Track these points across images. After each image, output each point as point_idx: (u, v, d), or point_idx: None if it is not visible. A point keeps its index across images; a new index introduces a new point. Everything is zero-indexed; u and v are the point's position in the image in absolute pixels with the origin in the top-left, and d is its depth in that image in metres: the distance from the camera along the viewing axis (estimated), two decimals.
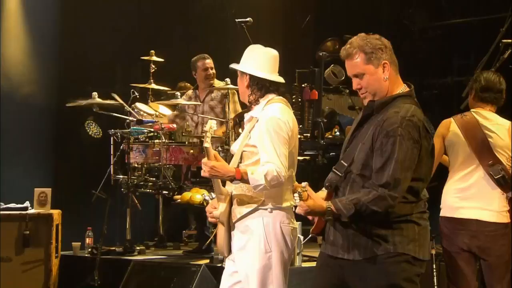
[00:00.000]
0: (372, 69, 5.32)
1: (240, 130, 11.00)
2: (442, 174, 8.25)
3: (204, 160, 6.28)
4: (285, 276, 6.49)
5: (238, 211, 6.34)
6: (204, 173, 6.21)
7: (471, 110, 7.81)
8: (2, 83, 13.79)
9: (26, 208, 10.63)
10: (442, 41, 14.66)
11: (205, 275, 9.70)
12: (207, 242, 10.76)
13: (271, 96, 6.47)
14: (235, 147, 6.64)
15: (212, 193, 9.95)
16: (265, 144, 6.19)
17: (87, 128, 12.82)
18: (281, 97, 6.66)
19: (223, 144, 10.94)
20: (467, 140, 7.61)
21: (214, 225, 10.79)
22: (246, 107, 9.71)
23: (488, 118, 7.68)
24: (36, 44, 14.74)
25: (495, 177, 7.47)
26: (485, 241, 7.46)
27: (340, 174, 5.45)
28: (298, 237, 8.61)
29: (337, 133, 12.56)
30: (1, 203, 10.89)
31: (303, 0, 15.31)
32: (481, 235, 7.44)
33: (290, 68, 12.25)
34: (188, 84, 12.93)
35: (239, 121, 10.89)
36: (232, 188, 6.40)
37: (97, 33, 14.32)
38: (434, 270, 8.72)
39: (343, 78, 12.04)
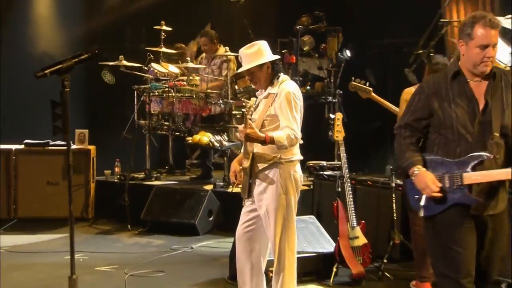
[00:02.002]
0: None
1: (236, 87, 11.78)
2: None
3: (241, 127, 6.66)
4: (295, 211, 7.03)
5: (260, 165, 6.81)
6: (241, 137, 6.78)
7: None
8: (43, 48, 14.30)
9: (70, 145, 11.80)
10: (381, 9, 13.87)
11: (211, 198, 10.70)
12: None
13: (281, 75, 6.92)
14: (256, 116, 6.92)
15: (215, 135, 10.86)
16: (284, 113, 6.67)
17: (103, 76, 13.63)
18: (286, 75, 7.19)
19: (224, 98, 11.46)
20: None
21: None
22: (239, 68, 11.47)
23: None
24: (65, 19, 14.60)
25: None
26: None
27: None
28: None
29: (308, 87, 12.69)
30: (49, 141, 11.42)
31: None
32: None
33: (273, 38, 12.47)
34: (183, 45, 13.19)
35: (235, 80, 11.48)
36: (254, 148, 6.82)
37: (115, 13, 14.11)
38: (394, 201, 8.93)
39: (314, 45, 12.80)
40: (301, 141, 7.03)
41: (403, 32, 13.55)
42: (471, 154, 5.13)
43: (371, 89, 9.02)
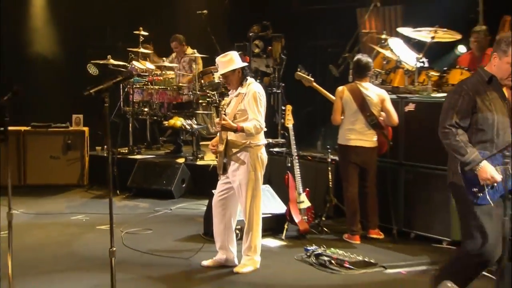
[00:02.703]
0: None
1: (202, 81, 11.73)
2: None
3: (217, 120, 7.12)
4: (261, 184, 7.34)
5: (234, 149, 7.09)
6: (218, 128, 7.11)
7: (355, 81, 8.43)
8: (41, 50, 14.09)
9: (67, 127, 11.54)
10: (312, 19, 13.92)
11: (184, 169, 10.87)
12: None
13: (249, 78, 7.22)
14: (229, 110, 7.18)
15: (188, 121, 10.84)
16: (251, 108, 6.98)
17: (88, 69, 13.60)
18: (253, 78, 7.45)
19: (192, 90, 11.51)
20: (354, 100, 8.28)
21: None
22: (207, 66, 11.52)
23: (365, 87, 8.31)
24: (56, 24, 14.36)
25: (371, 123, 8.22)
26: (365, 157, 8.32)
27: None
28: None
29: (258, 81, 11.90)
30: (51, 123, 11.42)
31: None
32: (362, 154, 8.29)
33: (231, 42, 12.54)
34: (149, 46, 12.85)
35: (201, 75, 11.52)
36: (228, 135, 7.06)
37: (101, 19, 13.88)
38: (330, 172, 9.19)
39: (262, 48, 12.53)
40: (265, 129, 7.19)
41: (328, 36, 13.77)
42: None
43: (312, 79, 9.07)
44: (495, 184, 4.95)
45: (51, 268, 7.26)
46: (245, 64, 7.36)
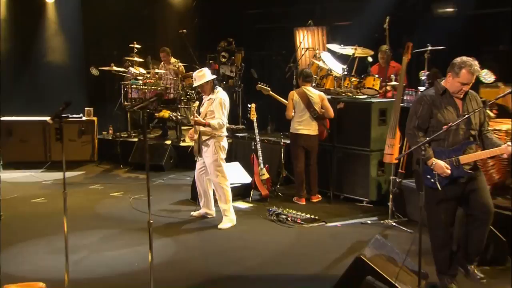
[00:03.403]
0: None
1: (183, 83, 11.51)
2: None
3: (191, 118, 7.39)
4: (224, 163, 7.44)
5: (204, 137, 7.32)
6: (192, 122, 7.36)
7: (302, 87, 8.37)
8: (57, 58, 13.79)
9: (81, 117, 11.32)
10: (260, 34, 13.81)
11: (171, 148, 10.82)
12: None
13: (217, 87, 7.46)
14: (202, 110, 7.43)
15: (174, 113, 10.63)
16: (217, 110, 7.24)
17: (91, 71, 13.47)
18: (221, 87, 7.62)
19: (176, 90, 11.38)
20: (302, 101, 8.27)
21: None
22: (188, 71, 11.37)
23: (309, 90, 8.31)
24: (66, 36, 14.05)
25: (314, 116, 8.20)
26: (309, 142, 8.32)
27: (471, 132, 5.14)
28: None
29: (224, 83, 12.08)
30: (69, 115, 11.06)
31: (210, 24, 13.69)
32: (308, 140, 8.30)
33: (204, 53, 12.74)
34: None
35: (183, 79, 11.40)
36: (200, 128, 7.26)
37: (104, 31, 13.43)
38: (282, 152, 9.14)
39: (227, 58, 12.33)
40: (227, 125, 7.43)
41: (273, 48, 13.65)
42: (462, 143, 5.05)
43: (269, 89, 8.99)
44: (448, 172, 4.96)
45: (83, 226, 7.31)
46: (214, 77, 7.55)
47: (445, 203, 5.15)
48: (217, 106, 7.30)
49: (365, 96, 8.74)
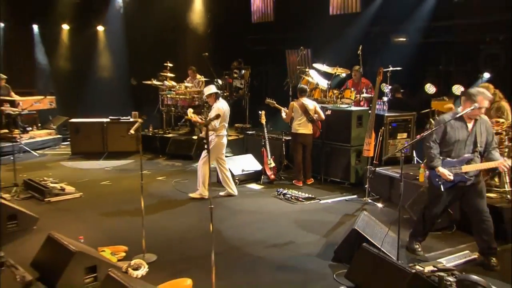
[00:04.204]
0: None
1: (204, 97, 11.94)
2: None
3: (193, 117, 7.37)
4: (223, 155, 7.46)
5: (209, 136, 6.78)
6: (192, 120, 7.51)
7: (299, 98, 8.17)
8: (108, 74, 13.98)
9: (129, 118, 11.03)
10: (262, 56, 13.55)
11: (197, 142, 10.40)
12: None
13: (220, 98, 7.42)
14: (210, 114, 7.40)
15: (198, 115, 10.67)
16: (212, 115, 7.19)
17: (132, 81, 13.47)
18: (222, 98, 7.57)
19: (200, 99, 10.90)
20: (300, 109, 8.09)
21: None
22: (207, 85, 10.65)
23: (305, 101, 8.12)
24: (114, 56, 14.19)
25: (309, 120, 8.02)
26: (306, 139, 8.15)
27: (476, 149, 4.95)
28: None
29: (235, 93, 12.04)
30: (120, 117, 10.96)
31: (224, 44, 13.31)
32: (305, 138, 8.13)
33: (221, 71, 12.19)
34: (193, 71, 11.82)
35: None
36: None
37: (142, 52, 13.22)
38: (283, 146, 9.03)
39: (238, 74, 12.07)
40: (217, 126, 7.18)
41: (269, 65, 13.47)
42: (464, 156, 4.93)
43: (275, 102, 8.74)
44: (450, 178, 4.89)
45: (137, 202, 6.79)
46: (217, 91, 7.51)
47: (443, 198, 5.10)
48: (212, 113, 7.26)
49: (345, 105, 8.69)
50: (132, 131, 5.46)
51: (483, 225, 5.02)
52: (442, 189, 4.96)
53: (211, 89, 7.52)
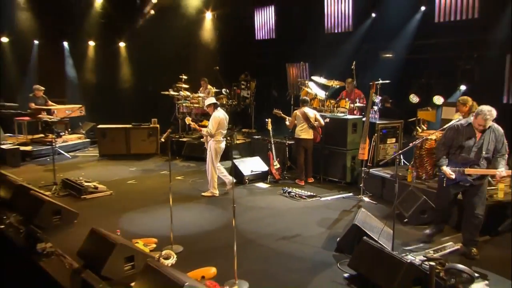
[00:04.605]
0: None
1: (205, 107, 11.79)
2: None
3: (192, 124, 7.51)
4: (218, 158, 7.35)
5: (206, 140, 7.35)
6: (191, 126, 7.52)
7: (302, 108, 8.20)
8: (131, 85, 13.87)
9: (149, 124, 10.84)
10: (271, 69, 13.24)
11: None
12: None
13: (218, 108, 7.40)
14: (209, 122, 7.31)
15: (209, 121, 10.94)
16: (210, 123, 7.22)
17: (149, 89, 13.14)
18: (219, 107, 7.50)
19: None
20: (302, 117, 8.08)
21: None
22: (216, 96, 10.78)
23: (307, 109, 8.13)
24: (135, 69, 14.14)
25: (310, 126, 8.01)
26: (307, 143, 8.14)
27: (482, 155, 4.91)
28: None
29: (242, 102, 11.84)
30: (141, 123, 10.84)
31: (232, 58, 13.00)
32: (306, 142, 8.11)
33: (230, 82, 12.15)
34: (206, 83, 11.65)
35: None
36: (204, 133, 7.25)
37: (160, 65, 13.05)
38: (286, 149, 8.98)
39: (246, 85, 12.00)
40: (213, 132, 7.21)
41: (271, 77, 13.28)
42: (469, 159, 4.95)
43: (281, 112, 8.70)
44: (452, 177, 5.00)
45: (165, 199, 6.67)
46: (216, 102, 7.53)
47: (448, 192, 5.20)
48: (211, 121, 7.28)
49: (342, 114, 8.71)
50: (163, 139, 5.50)
51: (474, 222, 5.07)
52: (444, 185, 5.09)
53: (211, 100, 7.56)
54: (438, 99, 8.32)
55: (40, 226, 5.54)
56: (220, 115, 7.30)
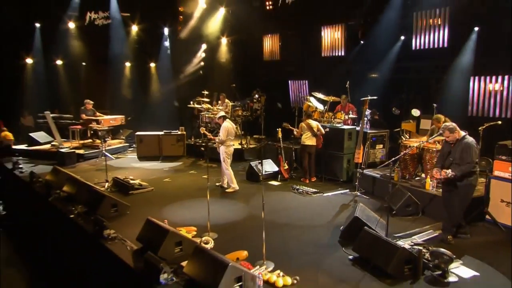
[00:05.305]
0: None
1: (234, 113, 11.06)
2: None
3: (207, 134, 7.57)
4: (230, 161, 7.29)
5: (219, 146, 7.30)
6: (207, 136, 7.60)
7: (306, 120, 8.18)
8: (162, 97, 13.76)
9: (177, 132, 10.94)
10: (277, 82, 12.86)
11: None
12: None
13: (227, 119, 7.37)
14: (220, 132, 7.22)
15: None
16: (221, 132, 7.21)
17: (174, 103, 13.40)
18: (228, 118, 7.46)
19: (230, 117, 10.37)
20: (307, 127, 8.06)
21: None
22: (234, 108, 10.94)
23: (311, 121, 8.12)
24: (163, 85, 14.24)
25: (313, 135, 7.99)
26: (311, 149, 8.10)
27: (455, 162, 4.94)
28: None
29: (254, 114, 11.51)
30: (171, 131, 10.78)
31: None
32: (310, 148, 8.08)
33: (245, 97, 12.00)
34: (226, 99, 11.39)
35: (233, 111, 10.94)
36: (217, 140, 7.25)
37: (184, 81, 13.16)
38: (293, 153, 8.89)
39: (257, 99, 11.61)
40: (224, 139, 7.15)
41: (276, 92, 12.86)
42: (445, 166, 5.04)
43: (288, 124, 8.60)
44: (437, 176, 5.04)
45: (197, 194, 7.20)
46: (225, 115, 7.51)
47: (445, 187, 5.27)
48: (221, 130, 7.26)
49: (339, 124, 8.73)
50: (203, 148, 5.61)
51: (451, 213, 5.18)
52: (440, 182, 5.32)
53: (220, 113, 7.59)
54: (415, 112, 8.39)
55: (102, 216, 5.69)
56: (228, 125, 7.25)
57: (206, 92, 11.39)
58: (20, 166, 8.84)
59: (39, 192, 6.91)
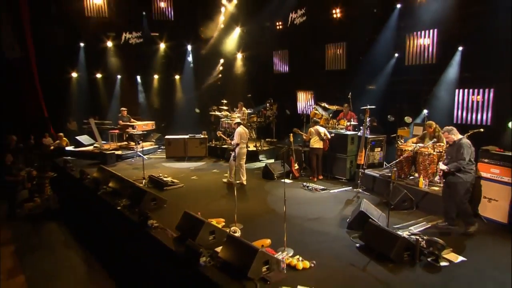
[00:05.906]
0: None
1: (250, 119, 11.00)
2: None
3: (223, 137, 7.39)
4: (243, 161, 7.17)
5: (233, 148, 7.15)
6: (224, 139, 7.26)
7: (314, 126, 8.15)
8: (187, 106, 13.70)
9: (200, 136, 10.80)
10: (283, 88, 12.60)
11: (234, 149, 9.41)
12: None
13: (240, 125, 7.29)
14: (234, 136, 7.14)
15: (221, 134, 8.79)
16: (235, 135, 7.15)
17: (196, 110, 13.48)
18: (242, 124, 7.36)
19: (247, 123, 10.38)
20: (315, 132, 8.01)
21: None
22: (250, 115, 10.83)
23: (318, 127, 8.07)
24: (186, 94, 14.05)
25: (321, 139, 7.95)
26: (319, 151, 8.05)
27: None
28: None
29: (265, 120, 11.07)
30: (195, 134, 10.71)
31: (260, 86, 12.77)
32: (318, 150, 8.03)
33: (259, 105, 11.76)
34: (244, 108, 11.20)
35: (249, 117, 10.79)
36: (232, 143, 7.14)
37: (204, 90, 13.07)
38: (302, 154, 8.74)
39: (270, 107, 11.20)
40: (238, 142, 7.03)
41: (286, 102, 12.52)
42: (445, 163, 5.05)
43: (298, 129, 8.54)
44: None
45: (217, 190, 7.22)
46: (240, 121, 7.43)
47: (444, 184, 5.27)
48: (235, 134, 7.20)
49: (342, 130, 8.74)
50: (231, 152, 5.74)
51: (448, 206, 5.23)
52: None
53: (236, 120, 7.65)
54: (408, 119, 8.38)
55: (144, 209, 5.86)
56: (241, 130, 7.20)
57: (225, 101, 11.41)
58: (70, 164, 9.06)
59: (89, 187, 7.08)
